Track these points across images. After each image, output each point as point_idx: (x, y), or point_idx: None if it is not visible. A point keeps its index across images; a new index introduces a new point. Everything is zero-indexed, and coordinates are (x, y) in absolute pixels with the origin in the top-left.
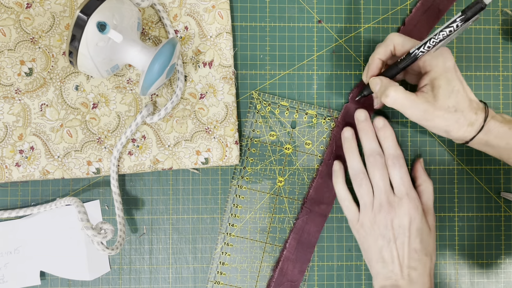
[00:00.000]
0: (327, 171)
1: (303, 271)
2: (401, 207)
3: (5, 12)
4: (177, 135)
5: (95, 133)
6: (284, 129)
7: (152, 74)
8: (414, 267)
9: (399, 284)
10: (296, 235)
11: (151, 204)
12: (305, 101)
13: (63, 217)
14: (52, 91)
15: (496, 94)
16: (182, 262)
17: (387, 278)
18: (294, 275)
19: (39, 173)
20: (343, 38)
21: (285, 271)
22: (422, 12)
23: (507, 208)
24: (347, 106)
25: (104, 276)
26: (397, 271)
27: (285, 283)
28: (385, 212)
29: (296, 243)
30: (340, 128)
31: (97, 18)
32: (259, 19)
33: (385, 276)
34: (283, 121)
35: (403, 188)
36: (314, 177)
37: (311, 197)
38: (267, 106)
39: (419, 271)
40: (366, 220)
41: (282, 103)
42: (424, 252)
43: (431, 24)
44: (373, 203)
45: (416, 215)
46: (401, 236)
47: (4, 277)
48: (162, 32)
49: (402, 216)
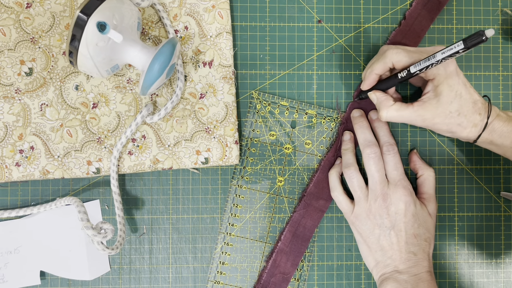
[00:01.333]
0: (329, 167)
1: (296, 264)
2: (395, 193)
3: (5, 12)
4: (177, 135)
5: (95, 133)
6: (284, 129)
7: (152, 74)
8: (414, 252)
9: (399, 269)
10: (292, 228)
11: (151, 204)
12: (305, 101)
13: (63, 217)
14: (52, 91)
15: (496, 94)
16: (182, 262)
17: (386, 265)
18: (287, 267)
19: (39, 173)
20: (343, 38)
21: (278, 263)
22: (422, 5)
23: (507, 208)
24: (352, 105)
25: (104, 276)
26: (396, 256)
27: (277, 275)
28: (380, 202)
29: (291, 236)
30: (345, 125)
31: (97, 18)
32: (259, 19)
33: (385, 264)
34: (283, 121)
35: (396, 174)
36: (315, 172)
37: (311, 192)
38: (267, 106)
39: (418, 256)
40: (362, 211)
41: (282, 103)
42: (423, 237)
43: (432, 16)
44: (368, 195)
45: (411, 200)
46: (398, 222)
47: (4, 277)
48: (162, 32)
49: (398, 202)
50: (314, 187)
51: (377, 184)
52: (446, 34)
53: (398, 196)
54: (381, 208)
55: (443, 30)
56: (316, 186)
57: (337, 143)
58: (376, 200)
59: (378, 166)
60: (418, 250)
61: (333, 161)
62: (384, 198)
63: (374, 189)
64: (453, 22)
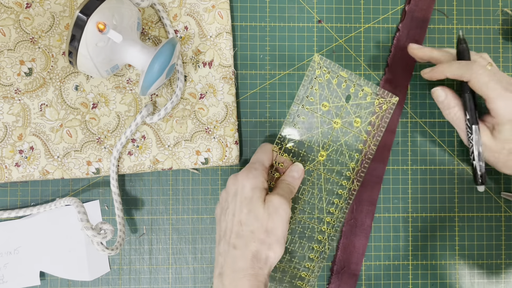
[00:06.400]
0: (351, 230)
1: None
2: (242, 173)
3: (4, 12)
4: (177, 135)
5: (94, 133)
6: (338, 101)
7: (152, 74)
8: (234, 244)
9: (223, 271)
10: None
11: (151, 204)
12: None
13: (63, 217)
14: (52, 91)
15: None
16: (182, 262)
17: (217, 263)
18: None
19: (38, 173)
20: (343, 38)
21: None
22: (408, 29)
23: (507, 208)
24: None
25: (104, 276)
26: (223, 249)
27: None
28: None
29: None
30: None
31: (96, 18)
32: (259, 19)
33: (216, 261)
34: (339, 92)
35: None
36: (339, 239)
37: (340, 259)
38: (327, 73)
39: (239, 250)
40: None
41: (341, 73)
42: (249, 228)
43: (421, 35)
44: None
45: (247, 183)
46: (231, 205)
47: (4, 277)
48: (162, 32)
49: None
50: (342, 254)
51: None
52: (446, 34)
53: (241, 177)
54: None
55: (443, 30)
56: (343, 252)
57: (352, 207)
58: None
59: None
60: (239, 243)
61: (352, 224)
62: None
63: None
64: (453, 22)
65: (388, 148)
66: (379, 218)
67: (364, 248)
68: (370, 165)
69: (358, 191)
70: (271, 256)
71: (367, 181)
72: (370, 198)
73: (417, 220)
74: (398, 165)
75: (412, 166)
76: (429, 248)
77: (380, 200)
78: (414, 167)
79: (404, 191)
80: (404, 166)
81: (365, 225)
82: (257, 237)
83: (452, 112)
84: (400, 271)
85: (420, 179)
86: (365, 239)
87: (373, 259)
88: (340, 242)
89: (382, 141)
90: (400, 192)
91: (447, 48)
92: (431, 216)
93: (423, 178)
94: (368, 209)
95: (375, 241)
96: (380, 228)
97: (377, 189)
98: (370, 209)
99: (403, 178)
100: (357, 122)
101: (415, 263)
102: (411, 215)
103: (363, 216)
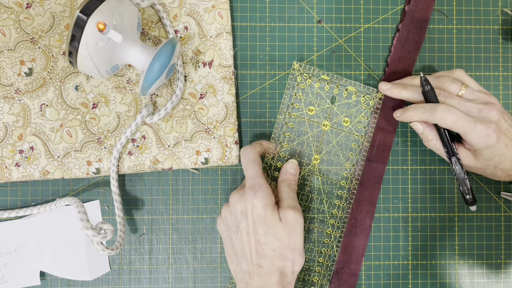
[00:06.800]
0: (350, 230)
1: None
2: (248, 193)
3: (5, 12)
4: (177, 135)
5: (95, 133)
6: (323, 104)
7: (152, 74)
8: (259, 264)
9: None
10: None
11: (151, 204)
12: (347, 74)
13: (63, 217)
14: (52, 91)
15: (496, 94)
16: (182, 262)
17: (239, 279)
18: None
19: (39, 173)
20: (343, 38)
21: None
22: (401, 48)
23: (507, 208)
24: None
25: (104, 276)
26: (246, 268)
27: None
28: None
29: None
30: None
31: (97, 18)
32: (259, 19)
33: (238, 278)
34: (323, 95)
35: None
36: (340, 238)
37: (340, 259)
38: (308, 78)
39: (265, 269)
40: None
41: (323, 77)
42: (270, 246)
43: (413, 57)
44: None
45: (262, 202)
46: (242, 224)
47: (4, 277)
48: (162, 32)
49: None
50: (342, 253)
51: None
52: (446, 34)
53: (249, 196)
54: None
55: (443, 30)
56: (343, 252)
57: (352, 212)
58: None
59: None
60: (264, 262)
61: (353, 223)
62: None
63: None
64: (453, 22)
65: (388, 148)
66: (379, 218)
67: (364, 248)
68: (370, 165)
69: (358, 191)
70: (296, 269)
71: (367, 181)
72: (370, 198)
73: (417, 220)
74: (398, 165)
75: (412, 166)
76: (429, 248)
77: (380, 200)
78: (414, 167)
79: (404, 191)
80: (404, 166)
81: (365, 225)
82: (280, 255)
83: (431, 144)
84: (400, 271)
85: (420, 179)
86: (365, 239)
87: (373, 259)
88: (340, 242)
89: (382, 141)
90: (400, 192)
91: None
92: (431, 216)
93: (423, 178)
94: (368, 209)
95: (375, 241)
96: (380, 228)
97: (377, 189)
98: (370, 209)
99: (403, 178)
100: (346, 122)
101: (415, 263)
102: (411, 215)
103: (363, 216)
